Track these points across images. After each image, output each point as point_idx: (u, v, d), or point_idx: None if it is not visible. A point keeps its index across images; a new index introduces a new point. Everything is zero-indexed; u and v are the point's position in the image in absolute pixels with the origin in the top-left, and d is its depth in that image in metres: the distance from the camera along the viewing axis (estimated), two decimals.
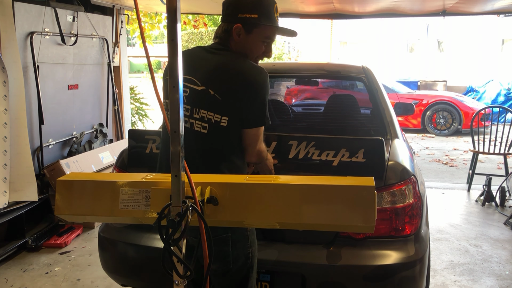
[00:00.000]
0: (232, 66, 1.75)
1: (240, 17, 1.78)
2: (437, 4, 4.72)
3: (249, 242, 1.80)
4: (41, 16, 3.95)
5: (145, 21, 7.60)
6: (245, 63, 1.76)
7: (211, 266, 1.73)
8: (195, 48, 1.93)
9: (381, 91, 2.92)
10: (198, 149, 1.72)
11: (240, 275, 1.80)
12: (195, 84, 1.74)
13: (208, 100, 1.71)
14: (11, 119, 3.47)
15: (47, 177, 3.97)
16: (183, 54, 1.86)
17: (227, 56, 1.78)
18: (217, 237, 1.70)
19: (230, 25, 1.80)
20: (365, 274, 2.05)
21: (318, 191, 1.32)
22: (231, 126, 1.71)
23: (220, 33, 1.83)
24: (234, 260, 1.76)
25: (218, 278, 1.82)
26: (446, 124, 10.14)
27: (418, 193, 2.16)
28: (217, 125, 1.70)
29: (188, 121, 1.74)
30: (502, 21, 14.60)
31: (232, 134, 1.73)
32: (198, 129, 1.72)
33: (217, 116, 1.70)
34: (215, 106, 1.70)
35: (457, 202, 5.11)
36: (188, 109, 1.74)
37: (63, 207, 1.41)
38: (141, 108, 7.87)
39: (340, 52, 19.38)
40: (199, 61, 1.79)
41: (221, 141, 1.73)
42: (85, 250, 3.74)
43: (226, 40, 1.82)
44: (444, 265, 3.47)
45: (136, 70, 29.53)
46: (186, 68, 1.74)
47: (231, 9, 1.81)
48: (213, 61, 1.76)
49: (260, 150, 1.83)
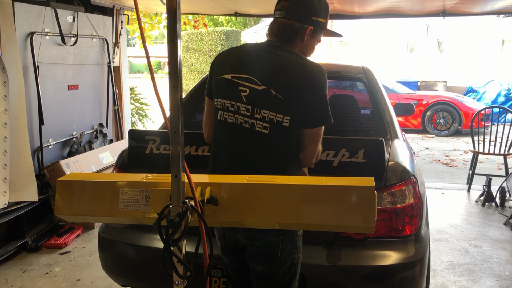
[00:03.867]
0: (295, 66, 1.70)
1: (313, 19, 1.76)
2: (437, 5, 4.72)
3: (297, 248, 1.78)
4: (41, 16, 3.95)
5: (145, 22, 7.60)
6: (307, 62, 1.73)
7: (259, 267, 1.75)
8: (247, 45, 1.87)
9: (381, 92, 2.92)
10: (258, 149, 1.70)
11: (284, 280, 1.78)
12: (255, 83, 1.69)
13: (270, 100, 1.66)
14: (11, 119, 3.47)
15: (47, 177, 3.97)
16: (233, 51, 1.84)
17: (288, 55, 1.72)
18: (268, 240, 1.69)
19: (304, 26, 1.75)
20: (365, 275, 2.05)
21: (318, 191, 1.32)
22: (292, 126, 1.67)
23: (285, 32, 1.75)
24: (281, 264, 1.74)
25: (263, 281, 1.79)
26: (446, 125, 10.14)
27: (418, 194, 2.16)
28: (279, 125, 1.66)
29: (248, 121, 1.69)
30: (502, 22, 14.59)
31: (292, 134, 1.69)
32: (259, 129, 1.68)
33: (279, 116, 1.66)
34: (278, 106, 1.66)
35: (457, 202, 5.11)
36: (249, 109, 1.69)
37: (63, 207, 1.41)
38: (141, 108, 7.88)
39: (340, 53, 19.38)
40: (257, 59, 1.74)
41: (282, 141, 1.69)
42: (85, 251, 3.74)
43: (291, 40, 1.76)
44: (444, 265, 3.47)
45: (136, 70, 29.56)
46: (242, 67, 1.73)
47: (305, 10, 1.75)
48: (274, 60, 1.71)
49: (319, 151, 1.78)
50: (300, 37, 1.76)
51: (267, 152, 1.70)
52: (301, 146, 1.73)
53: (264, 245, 1.70)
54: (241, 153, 1.72)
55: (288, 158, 1.72)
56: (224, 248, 1.86)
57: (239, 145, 1.72)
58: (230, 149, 1.74)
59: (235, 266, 1.90)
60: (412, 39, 18.34)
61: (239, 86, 1.71)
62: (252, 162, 1.69)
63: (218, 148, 1.79)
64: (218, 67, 1.82)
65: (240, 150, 1.72)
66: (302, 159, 1.76)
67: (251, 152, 1.70)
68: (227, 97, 1.74)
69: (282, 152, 1.71)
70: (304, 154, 1.75)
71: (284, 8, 1.75)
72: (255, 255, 1.75)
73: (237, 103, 1.71)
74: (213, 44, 17.97)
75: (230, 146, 1.74)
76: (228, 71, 1.75)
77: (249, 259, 1.78)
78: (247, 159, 1.71)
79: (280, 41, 1.76)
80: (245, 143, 1.71)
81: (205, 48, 18.14)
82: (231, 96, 1.73)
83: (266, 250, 1.71)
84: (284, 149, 1.70)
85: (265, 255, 1.72)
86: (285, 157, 1.71)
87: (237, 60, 1.78)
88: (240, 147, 1.72)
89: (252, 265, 1.79)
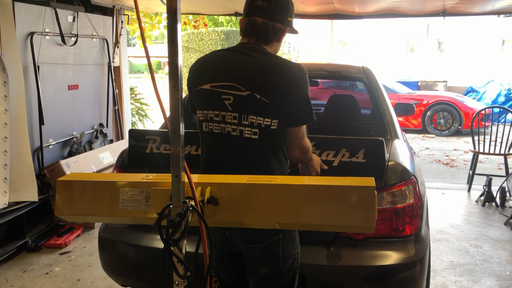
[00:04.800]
0: (275, 66, 1.68)
1: (289, 20, 1.77)
2: (437, 5, 4.72)
3: (296, 243, 1.79)
4: (41, 16, 3.95)
5: (145, 22, 7.60)
6: (287, 62, 1.72)
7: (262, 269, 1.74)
8: (220, 52, 1.84)
9: (381, 92, 2.92)
10: (247, 155, 1.69)
11: (288, 277, 1.79)
12: (239, 90, 1.66)
13: (255, 104, 1.64)
14: (11, 119, 3.47)
15: (47, 177, 3.97)
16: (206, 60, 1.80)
17: (266, 57, 1.71)
18: (269, 240, 1.69)
19: (282, 26, 1.75)
20: (365, 275, 2.05)
21: (318, 191, 1.32)
22: (280, 128, 1.68)
23: (265, 32, 1.73)
24: (284, 262, 1.74)
25: (267, 281, 1.79)
26: (447, 125, 10.13)
27: (418, 194, 2.16)
28: (267, 129, 1.66)
29: (236, 129, 1.67)
30: (502, 22, 14.60)
31: (280, 135, 1.70)
32: (248, 135, 1.67)
33: (267, 120, 1.65)
34: (264, 110, 1.65)
35: (457, 202, 5.11)
36: (236, 117, 1.67)
37: (63, 207, 1.41)
38: (141, 108, 7.88)
39: (341, 53, 19.39)
40: (235, 65, 1.71)
41: (272, 143, 1.69)
42: (85, 251, 3.74)
43: (269, 40, 1.74)
44: (444, 265, 3.47)
45: (136, 70, 29.55)
46: (220, 75, 1.70)
47: (284, 11, 1.75)
48: (253, 64, 1.68)
49: (303, 145, 1.79)
50: (277, 37, 1.77)
51: (257, 157, 1.69)
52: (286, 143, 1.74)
53: (265, 246, 1.70)
54: (231, 161, 1.71)
55: (277, 159, 1.72)
56: (219, 256, 1.84)
57: (229, 154, 1.71)
58: (220, 158, 1.73)
59: (230, 270, 1.89)
60: (412, 39, 18.36)
61: (221, 95, 1.68)
62: (243, 169, 1.67)
63: (208, 160, 1.77)
64: (194, 79, 1.78)
65: (231, 159, 1.71)
66: (289, 154, 1.77)
67: (242, 159, 1.70)
68: (210, 107, 1.71)
69: (271, 155, 1.70)
70: (289, 149, 1.76)
71: (263, 8, 1.71)
72: (257, 258, 1.74)
73: (222, 112, 1.69)
74: (213, 44, 17.98)
75: (220, 156, 1.73)
76: (206, 81, 1.72)
77: (251, 264, 1.78)
78: (238, 167, 1.69)
79: (257, 42, 1.74)
80: (234, 151, 1.70)
81: (205, 48, 18.14)
82: (214, 106, 1.70)
83: (267, 251, 1.71)
84: (273, 151, 1.71)
85: (267, 256, 1.72)
86: (273, 159, 1.71)
87: (213, 69, 1.75)
88: (230, 155, 1.71)
89: (254, 269, 1.78)
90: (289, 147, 1.76)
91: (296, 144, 1.76)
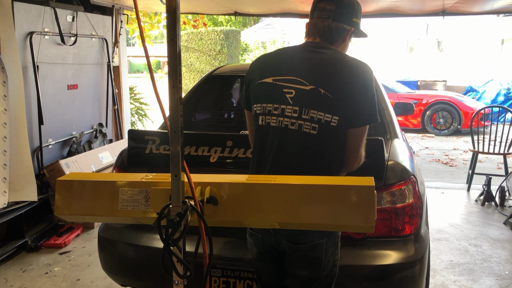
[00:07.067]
0: (342, 62, 1.67)
1: (354, 21, 1.77)
2: (437, 4, 4.72)
3: (337, 249, 1.76)
4: (41, 16, 3.95)
5: (145, 21, 7.60)
6: (353, 59, 1.69)
7: (303, 272, 1.72)
8: (284, 49, 1.85)
9: (381, 91, 2.92)
10: (306, 151, 1.65)
11: (326, 283, 1.75)
12: (302, 84, 1.65)
13: (318, 99, 1.62)
14: (10, 119, 3.46)
15: (47, 177, 3.97)
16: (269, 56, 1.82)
17: (333, 53, 1.70)
18: (313, 243, 1.66)
19: (347, 27, 1.75)
20: (365, 274, 2.06)
21: (318, 191, 1.32)
22: (340, 126, 1.63)
23: (330, 33, 1.73)
24: (324, 267, 1.71)
25: (306, 285, 1.75)
26: (446, 124, 10.14)
27: (418, 193, 2.16)
28: (327, 125, 1.62)
29: (295, 123, 1.64)
30: (502, 21, 14.61)
31: (340, 135, 1.66)
32: (307, 130, 1.63)
33: (327, 116, 1.61)
34: (326, 105, 1.61)
35: (456, 202, 5.11)
36: (296, 110, 1.64)
37: (62, 207, 1.41)
38: (141, 108, 7.87)
39: None
40: (300, 60, 1.71)
41: (330, 142, 1.65)
42: (84, 250, 3.74)
43: (334, 41, 1.75)
44: (444, 265, 3.47)
45: (135, 70, 29.53)
46: (283, 69, 1.70)
47: (349, 11, 1.75)
48: (319, 59, 1.68)
49: (362, 155, 1.73)
50: (342, 38, 1.76)
51: (315, 154, 1.65)
52: (347, 148, 1.69)
53: (310, 248, 1.66)
54: (286, 156, 1.67)
55: (335, 160, 1.68)
56: (262, 253, 1.80)
57: (285, 148, 1.67)
58: (275, 153, 1.69)
59: (272, 269, 1.84)
60: (411, 38, 18.36)
61: (282, 88, 1.67)
62: (298, 164, 1.65)
63: (262, 154, 1.73)
64: (254, 73, 1.78)
65: (286, 153, 1.67)
66: (349, 164, 1.72)
67: (298, 154, 1.66)
68: (269, 100, 1.70)
69: (329, 154, 1.66)
70: (351, 158, 1.71)
71: (328, 9, 1.73)
72: (299, 260, 1.70)
73: (282, 106, 1.67)
74: (213, 44, 17.98)
75: (275, 150, 1.69)
76: (268, 75, 1.72)
77: (292, 265, 1.74)
78: (293, 162, 1.66)
79: (323, 41, 1.74)
80: (292, 145, 1.66)
81: (205, 47, 18.15)
82: (274, 99, 1.69)
83: (311, 254, 1.67)
84: (331, 150, 1.66)
85: (310, 259, 1.68)
86: (331, 159, 1.67)
87: (277, 63, 1.76)
88: (286, 150, 1.67)
89: (295, 270, 1.74)
90: (349, 157, 1.70)
91: (356, 152, 1.69)
